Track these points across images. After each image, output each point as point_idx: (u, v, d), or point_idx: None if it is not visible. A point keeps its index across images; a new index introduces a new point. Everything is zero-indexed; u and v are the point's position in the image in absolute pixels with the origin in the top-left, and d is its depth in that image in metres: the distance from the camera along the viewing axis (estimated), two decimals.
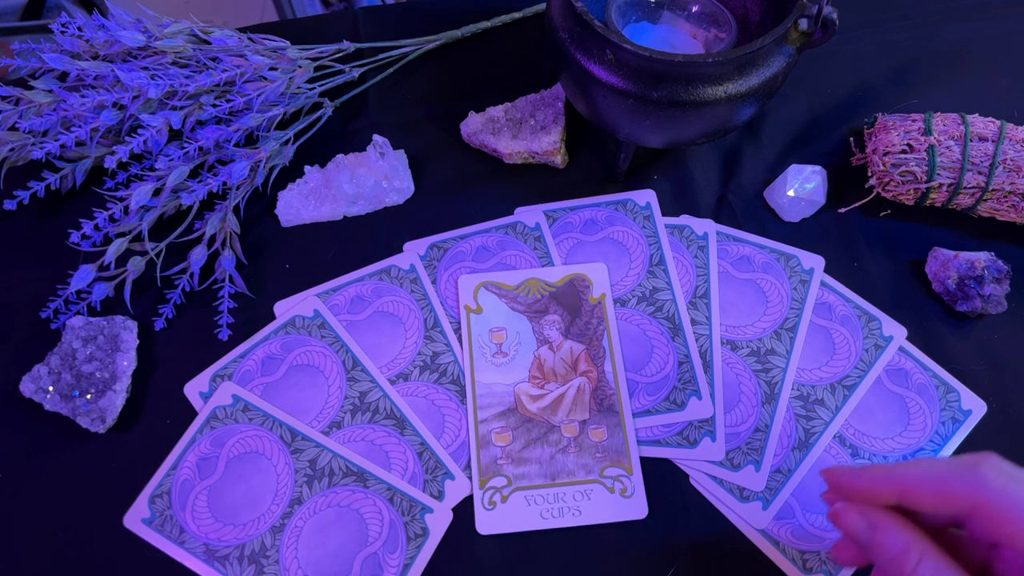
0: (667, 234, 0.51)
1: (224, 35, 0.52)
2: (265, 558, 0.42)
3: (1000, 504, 0.27)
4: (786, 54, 0.43)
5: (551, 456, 0.44)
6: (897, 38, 0.60)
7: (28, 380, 0.45)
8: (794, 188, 0.51)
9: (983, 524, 0.28)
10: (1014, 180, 0.47)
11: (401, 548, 0.42)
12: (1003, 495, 0.27)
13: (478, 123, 0.55)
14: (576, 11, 0.41)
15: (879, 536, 0.30)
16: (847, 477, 0.31)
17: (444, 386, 0.47)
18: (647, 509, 0.43)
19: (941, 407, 0.45)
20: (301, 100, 0.53)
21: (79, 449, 0.45)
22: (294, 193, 0.53)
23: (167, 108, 0.49)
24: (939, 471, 0.29)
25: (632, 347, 0.48)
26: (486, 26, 0.61)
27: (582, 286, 0.50)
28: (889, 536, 0.29)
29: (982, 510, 0.27)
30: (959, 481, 0.28)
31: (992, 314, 0.47)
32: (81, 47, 0.51)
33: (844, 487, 0.32)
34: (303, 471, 0.44)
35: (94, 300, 0.48)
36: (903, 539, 0.29)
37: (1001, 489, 0.27)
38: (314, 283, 0.50)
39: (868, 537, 0.30)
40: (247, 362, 0.47)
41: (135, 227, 0.49)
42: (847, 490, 0.31)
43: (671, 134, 0.45)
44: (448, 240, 0.52)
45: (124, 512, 0.43)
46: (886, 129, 0.51)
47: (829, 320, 0.48)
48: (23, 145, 0.49)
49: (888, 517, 0.30)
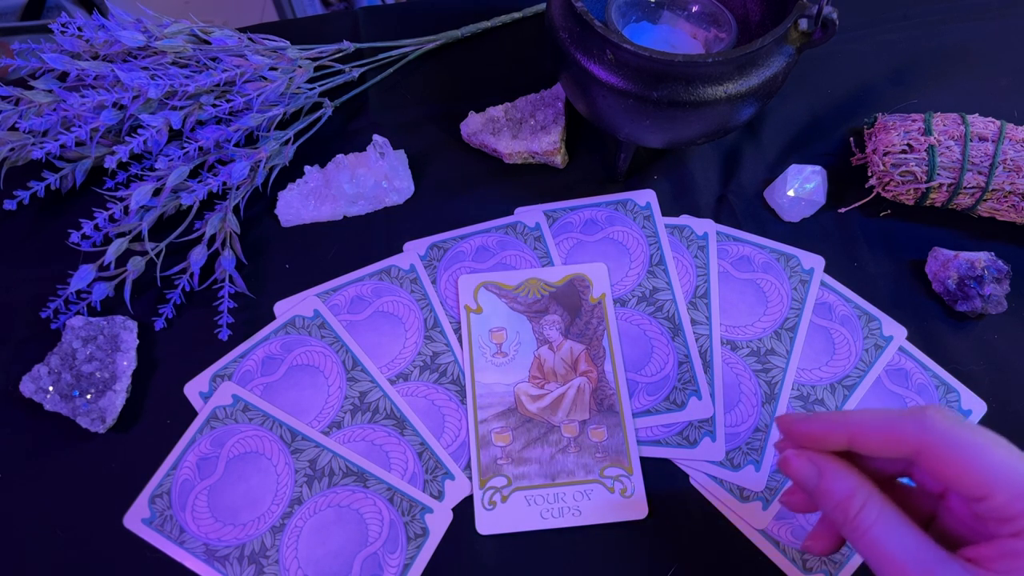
0: (667, 234, 0.51)
1: (224, 35, 0.52)
2: (265, 558, 0.42)
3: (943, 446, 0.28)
4: (786, 54, 0.43)
5: (551, 456, 0.44)
6: (897, 38, 0.60)
7: (28, 380, 0.45)
8: (794, 188, 0.51)
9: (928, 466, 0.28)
10: (1014, 180, 0.47)
11: (401, 548, 0.42)
12: (947, 437, 0.28)
13: (478, 123, 0.55)
14: (576, 11, 0.41)
15: (825, 482, 0.30)
16: (800, 423, 0.32)
17: (444, 386, 0.47)
18: (647, 509, 0.43)
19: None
20: (301, 100, 0.53)
21: (79, 449, 0.45)
22: (294, 193, 0.53)
23: (167, 108, 0.49)
24: (888, 416, 0.30)
25: (632, 347, 0.48)
26: (486, 26, 0.61)
27: (582, 286, 0.50)
28: (835, 482, 0.30)
29: (927, 452, 0.28)
30: (906, 424, 0.29)
31: (992, 314, 0.47)
32: (81, 47, 0.51)
33: (797, 433, 0.32)
34: (303, 471, 0.44)
35: (94, 300, 0.48)
36: (848, 484, 0.30)
37: (945, 431, 0.28)
38: (314, 283, 0.50)
39: (815, 484, 0.31)
40: (247, 362, 0.47)
41: (135, 227, 0.49)
42: (799, 435, 0.32)
43: (671, 134, 0.45)
44: (448, 240, 0.52)
45: (124, 512, 0.43)
46: (886, 129, 0.51)
47: (829, 320, 0.48)
48: (23, 145, 0.49)
49: (835, 463, 0.31)
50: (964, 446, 0.27)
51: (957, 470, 0.27)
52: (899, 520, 0.28)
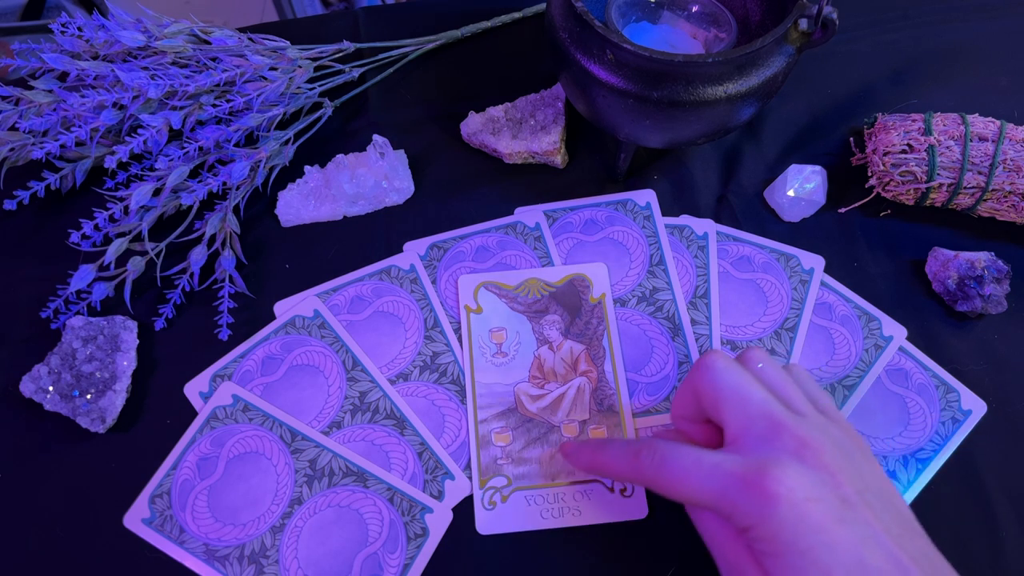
0: (667, 234, 0.51)
1: (224, 35, 0.52)
2: (265, 558, 0.42)
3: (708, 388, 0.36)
4: (786, 54, 0.43)
5: (551, 456, 0.44)
6: (897, 38, 0.60)
7: (28, 380, 0.45)
8: (794, 188, 0.51)
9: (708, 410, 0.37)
10: (1014, 180, 0.47)
11: (401, 548, 0.42)
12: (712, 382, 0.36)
13: (478, 123, 0.55)
14: (576, 11, 0.41)
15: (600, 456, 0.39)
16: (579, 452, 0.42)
17: (444, 386, 0.47)
18: (647, 509, 0.43)
19: (941, 407, 0.45)
20: (301, 100, 0.53)
21: (79, 449, 0.45)
22: (294, 193, 0.53)
23: (167, 108, 0.49)
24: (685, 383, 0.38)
25: (632, 347, 0.48)
26: (486, 26, 0.61)
27: (582, 286, 0.50)
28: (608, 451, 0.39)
29: (703, 398, 0.36)
30: (691, 374, 0.37)
31: (992, 314, 0.47)
32: (81, 47, 0.51)
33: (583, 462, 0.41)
34: (303, 471, 0.44)
35: (94, 300, 0.48)
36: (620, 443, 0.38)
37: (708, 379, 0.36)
38: (314, 283, 0.50)
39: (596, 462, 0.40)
40: (247, 362, 0.47)
41: (135, 227, 0.49)
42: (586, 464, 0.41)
43: (671, 134, 0.45)
44: (448, 240, 0.52)
45: (124, 512, 0.43)
46: (886, 129, 0.51)
47: (829, 320, 0.48)
48: (23, 145, 0.49)
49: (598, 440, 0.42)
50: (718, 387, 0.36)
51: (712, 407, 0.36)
52: (671, 442, 0.36)
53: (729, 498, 0.32)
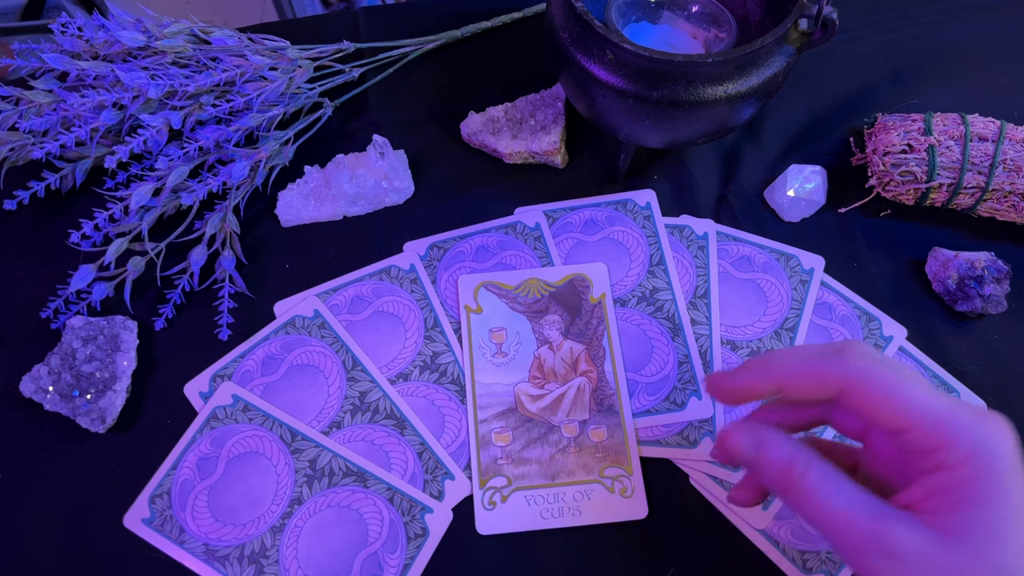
0: (667, 234, 0.51)
1: (224, 35, 0.52)
2: (265, 558, 0.42)
3: (866, 382, 0.28)
4: (786, 54, 0.43)
5: (551, 456, 0.44)
6: (897, 38, 0.60)
7: (28, 380, 0.45)
8: (794, 188, 0.51)
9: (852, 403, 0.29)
10: (1014, 180, 0.47)
11: (401, 548, 0.42)
12: (868, 374, 0.28)
13: (478, 123, 0.55)
14: (576, 11, 0.41)
15: (765, 452, 0.30)
16: (728, 379, 0.32)
17: (444, 386, 0.47)
18: (647, 509, 0.43)
19: None
20: (301, 100, 0.53)
21: (79, 449, 0.45)
22: (294, 193, 0.53)
23: (167, 108, 0.49)
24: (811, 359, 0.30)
25: (632, 347, 0.48)
26: (486, 26, 0.61)
27: (582, 286, 0.50)
28: (774, 450, 0.30)
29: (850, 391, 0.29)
30: (829, 366, 0.29)
31: (992, 314, 0.47)
32: (81, 47, 0.51)
33: (728, 388, 0.32)
34: (303, 471, 0.44)
35: (94, 300, 0.48)
36: (788, 450, 0.30)
37: (866, 369, 0.28)
38: (314, 283, 0.50)
39: (755, 456, 0.31)
40: (247, 362, 0.47)
41: (135, 227, 0.49)
42: (731, 391, 0.32)
43: (671, 134, 0.45)
44: (448, 240, 0.52)
45: (124, 512, 0.43)
46: (886, 129, 0.51)
47: (829, 320, 0.48)
48: (23, 145, 0.49)
49: (771, 432, 0.31)
50: (885, 382, 0.28)
51: (879, 404, 0.28)
52: (840, 478, 0.29)
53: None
